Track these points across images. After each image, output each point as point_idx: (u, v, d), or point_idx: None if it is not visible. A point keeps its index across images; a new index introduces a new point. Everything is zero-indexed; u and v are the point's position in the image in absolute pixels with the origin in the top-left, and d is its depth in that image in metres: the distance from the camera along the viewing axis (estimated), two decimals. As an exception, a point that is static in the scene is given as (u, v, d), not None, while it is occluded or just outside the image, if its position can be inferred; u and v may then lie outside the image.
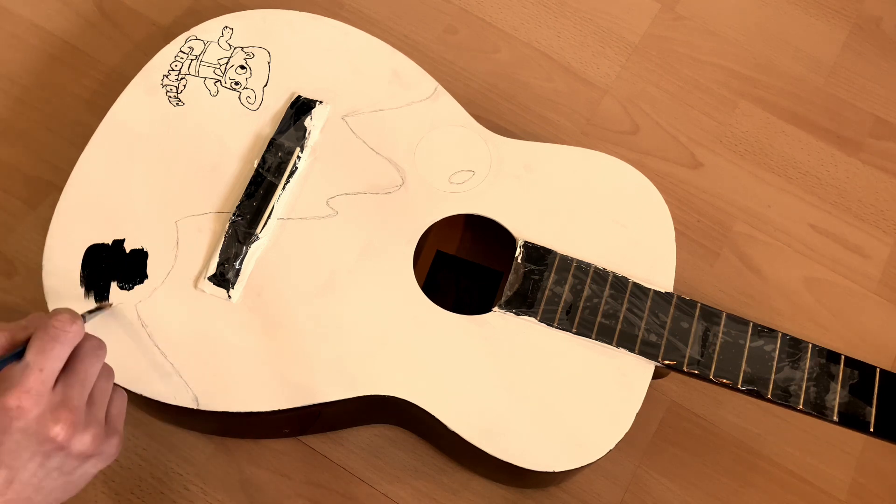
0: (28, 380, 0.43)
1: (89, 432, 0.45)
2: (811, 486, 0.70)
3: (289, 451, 0.68)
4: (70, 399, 0.44)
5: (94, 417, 0.46)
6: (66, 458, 0.45)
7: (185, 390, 0.57)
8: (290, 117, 0.66)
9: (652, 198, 0.66)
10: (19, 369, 0.43)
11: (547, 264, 0.62)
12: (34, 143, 0.77)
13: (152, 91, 0.67)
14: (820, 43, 0.90)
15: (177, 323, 0.59)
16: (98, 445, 0.46)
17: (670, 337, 0.61)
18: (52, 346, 0.44)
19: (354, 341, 0.59)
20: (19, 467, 0.43)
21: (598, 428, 0.58)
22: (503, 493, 0.68)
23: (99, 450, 0.46)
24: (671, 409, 0.72)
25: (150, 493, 0.65)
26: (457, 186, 0.65)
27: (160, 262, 0.61)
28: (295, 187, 0.64)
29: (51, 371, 0.44)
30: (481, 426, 0.57)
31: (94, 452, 0.46)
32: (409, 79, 0.69)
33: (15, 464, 0.42)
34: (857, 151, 0.85)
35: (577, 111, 0.84)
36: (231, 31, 0.70)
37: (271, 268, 0.61)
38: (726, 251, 0.79)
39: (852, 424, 0.59)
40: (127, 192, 0.63)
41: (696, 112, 0.85)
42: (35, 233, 0.73)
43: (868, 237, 0.81)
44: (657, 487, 0.69)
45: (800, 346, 0.61)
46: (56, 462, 0.44)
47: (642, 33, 0.89)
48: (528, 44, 0.87)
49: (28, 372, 0.43)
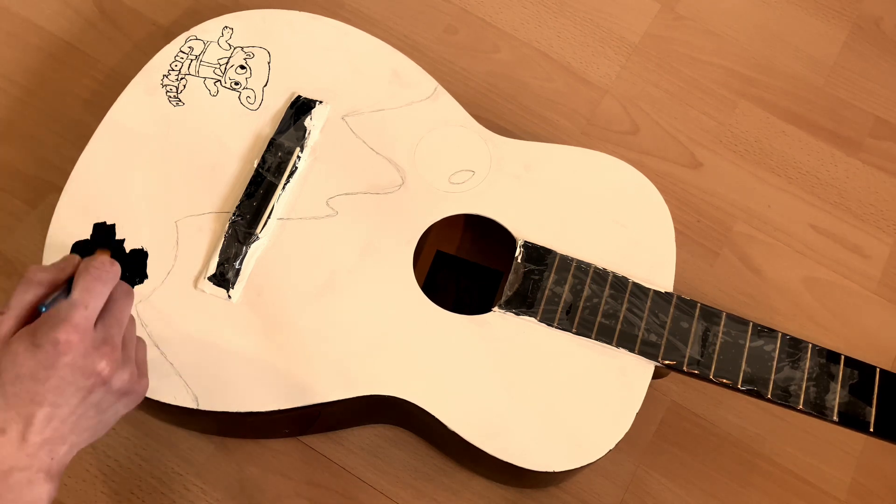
0: (75, 316, 0.44)
1: (127, 369, 0.47)
2: (811, 486, 0.70)
3: (289, 451, 0.68)
4: (111, 336, 0.46)
5: (129, 356, 0.48)
6: (106, 394, 0.46)
7: (185, 390, 0.57)
8: (290, 117, 0.66)
9: (652, 198, 0.66)
10: (66, 306, 0.45)
11: (547, 264, 0.62)
12: (34, 143, 0.77)
13: (152, 91, 0.67)
14: (820, 43, 0.90)
15: (177, 323, 0.59)
16: (133, 383, 0.48)
17: (670, 337, 0.61)
18: (94, 284, 0.46)
19: (354, 341, 0.59)
20: (62, 404, 0.44)
21: (598, 428, 0.58)
22: (503, 493, 0.68)
23: (133, 387, 0.48)
24: (671, 409, 0.72)
25: (150, 493, 0.65)
26: (457, 186, 0.65)
27: (160, 262, 0.61)
28: (295, 187, 0.64)
29: (94, 308, 0.46)
30: (481, 426, 0.57)
31: (130, 390, 0.48)
32: (409, 79, 0.69)
33: (58, 400, 0.44)
34: (857, 151, 0.85)
35: (577, 111, 0.84)
36: (231, 31, 0.70)
37: (271, 268, 0.61)
38: (726, 251, 0.79)
39: (852, 424, 0.59)
40: (127, 192, 0.63)
41: (696, 112, 0.85)
42: (35, 233, 0.73)
43: (868, 237, 0.81)
44: (657, 487, 0.69)
45: (800, 346, 0.61)
46: (96, 398, 0.46)
47: (642, 33, 0.89)
48: (528, 44, 0.87)
49: (75, 308, 0.45)
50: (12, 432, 0.43)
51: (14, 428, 0.43)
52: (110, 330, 0.47)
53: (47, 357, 0.43)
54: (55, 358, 0.43)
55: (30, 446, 0.43)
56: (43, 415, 0.44)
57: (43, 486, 0.44)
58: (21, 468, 0.43)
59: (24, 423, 0.43)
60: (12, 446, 0.43)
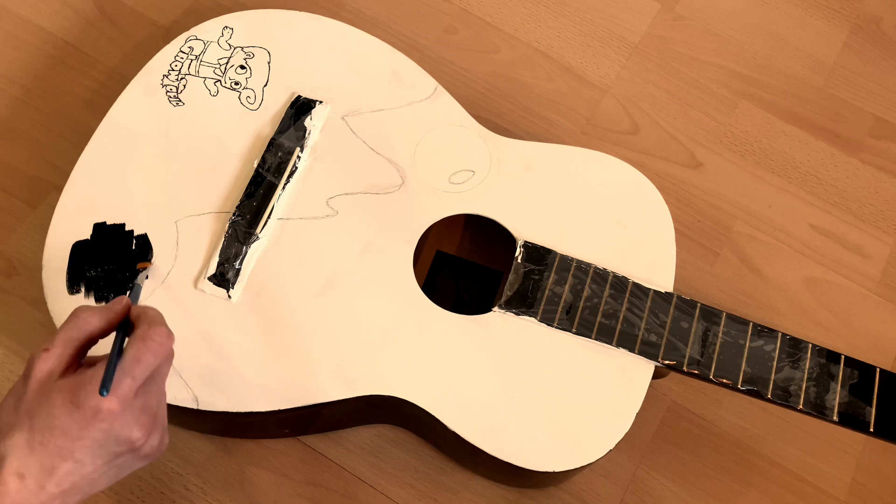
0: (122, 385, 0.44)
1: (157, 434, 0.47)
2: (811, 486, 0.70)
3: (289, 451, 0.68)
4: (150, 405, 0.46)
5: (160, 420, 0.48)
6: (133, 458, 0.46)
7: (185, 390, 0.57)
8: (290, 117, 0.66)
9: (652, 198, 0.66)
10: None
11: (547, 264, 0.62)
12: (34, 143, 0.77)
13: (152, 91, 0.67)
14: (820, 43, 0.90)
15: (177, 323, 0.59)
16: (161, 446, 0.48)
17: (670, 337, 0.61)
18: (147, 357, 0.45)
19: (354, 341, 0.59)
20: (87, 463, 0.44)
21: (598, 428, 0.58)
22: (503, 493, 0.68)
23: (160, 450, 0.48)
24: (671, 409, 0.72)
25: (150, 493, 0.65)
26: (457, 186, 0.65)
27: (160, 262, 0.61)
28: (295, 187, 0.64)
29: (140, 381, 0.45)
30: (481, 426, 0.57)
31: (156, 453, 0.48)
32: (409, 79, 0.69)
33: (85, 459, 0.44)
34: (857, 151, 0.85)
35: (577, 111, 0.84)
36: (231, 31, 0.70)
37: (271, 268, 0.61)
38: (726, 251, 0.79)
39: (852, 424, 0.59)
40: (127, 192, 0.63)
41: (696, 112, 0.85)
42: (35, 233, 0.73)
43: (868, 237, 0.81)
44: (657, 487, 0.69)
45: (800, 346, 0.61)
46: (122, 460, 0.46)
47: (642, 33, 0.89)
48: (528, 44, 0.87)
49: (122, 377, 0.44)
50: (30, 480, 0.43)
51: (33, 476, 0.43)
52: (150, 398, 0.46)
53: (84, 419, 0.43)
54: (93, 423, 0.43)
55: (45, 495, 0.43)
56: (66, 469, 0.43)
57: None
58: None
59: (45, 474, 0.43)
60: (28, 493, 0.43)
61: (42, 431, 0.43)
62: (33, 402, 0.44)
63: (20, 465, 0.43)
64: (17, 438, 0.43)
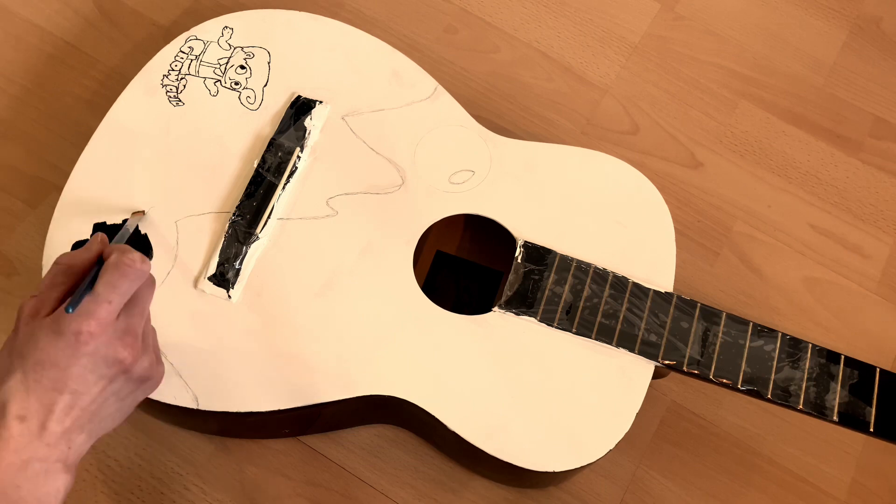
0: (98, 309, 0.45)
1: (147, 356, 0.48)
2: (811, 486, 0.70)
3: (289, 451, 0.68)
4: (133, 327, 0.47)
5: (148, 345, 0.49)
6: (126, 382, 0.47)
7: (185, 390, 0.57)
8: (290, 117, 0.66)
9: (652, 198, 0.66)
10: (90, 300, 0.45)
11: (547, 264, 0.62)
12: (34, 143, 0.77)
13: (152, 91, 0.67)
14: (820, 43, 0.90)
15: (177, 323, 0.59)
16: (152, 369, 0.49)
17: (670, 337, 0.61)
18: (121, 281, 0.46)
19: (354, 341, 0.59)
20: (83, 392, 0.45)
21: (598, 428, 0.58)
22: (503, 493, 0.68)
23: (152, 373, 0.49)
24: (671, 409, 0.72)
25: (150, 493, 0.65)
26: (457, 186, 0.65)
27: (160, 262, 0.61)
28: (295, 187, 0.64)
29: (118, 304, 0.46)
30: (481, 426, 0.57)
31: (149, 376, 0.49)
32: (409, 79, 0.69)
33: (80, 388, 0.45)
34: (857, 151, 0.85)
35: (577, 111, 0.84)
36: (231, 31, 0.70)
37: (271, 268, 0.61)
38: (726, 251, 0.79)
39: (852, 424, 0.59)
40: (127, 192, 0.63)
41: (696, 112, 0.85)
42: (35, 233, 0.73)
43: (868, 237, 0.81)
44: (657, 487, 0.69)
45: (800, 346, 0.61)
46: (117, 386, 0.47)
47: (642, 33, 0.89)
48: (528, 44, 0.87)
49: (98, 303, 0.45)
50: (32, 421, 0.43)
51: (34, 416, 0.43)
52: (132, 320, 0.47)
53: (69, 346, 0.44)
54: (77, 347, 0.44)
55: (49, 435, 0.44)
56: (64, 403, 0.44)
57: (60, 477, 0.44)
58: (40, 458, 0.43)
59: (44, 412, 0.44)
60: (32, 435, 0.43)
61: (34, 368, 0.44)
62: (23, 343, 0.45)
63: (20, 408, 0.43)
64: (13, 381, 0.44)
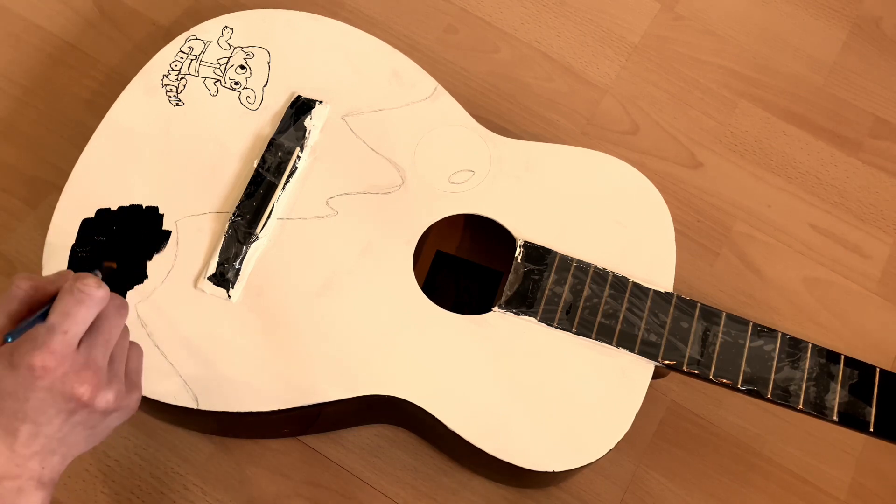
0: (52, 341, 0.43)
1: (112, 389, 0.46)
2: (811, 486, 0.70)
3: (289, 451, 0.68)
4: (94, 359, 0.45)
5: (115, 375, 0.47)
6: (90, 415, 0.46)
7: (185, 390, 0.57)
8: (290, 117, 0.66)
9: (652, 198, 0.66)
10: (44, 330, 0.44)
11: (547, 264, 0.62)
12: (34, 143, 0.77)
13: (152, 91, 0.67)
14: (820, 43, 0.90)
15: (177, 323, 0.59)
16: (120, 401, 0.47)
17: (670, 337, 0.61)
18: (77, 309, 0.44)
19: (354, 341, 0.59)
20: (44, 422, 0.44)
21: (598, 428, 0.58)
22: (503, 493, 0.68)
23: (121, 405, 0.47)
24: (671, 409, 0.72)
25: (150, 493, 0.65)
26: (457, 186, 0.65)
27: (160, 261, 0.61)
28: (295, 187, 0.64)
29: (74, 334, 0.44)
30: (481, 426, 0.57)
31: (117, 408, 0.47)
32: (409, 79, 0.69)
33: (40, 419, 0.44)
34: (856, 151, 0.85)
35: (577, 111, 0.84)
36: (231, 31, 0.70)
37: (271, 268, 0.61)
38: (726, 251, 0.79)
39: (852, 424, 0.59)
40: (127, 192, 0.63)
41: (696, 112, 0.85)
42: (35, 233, 0.73)
43: (868, 237, 0.81)
44: (657, 487, 0.69)
45: (800, 346, 0.61)
46: (80, 418, 0.45)
47: (642, 33, 0.89)
48: (528, 44, 0.87)
49: (52, 333, 0.43)
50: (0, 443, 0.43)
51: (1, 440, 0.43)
52: (93, 351, 0.45)
53: (24, 379, 0.43)
54: (32, 381, 0.43)
55: (18, 457, 0.43)
56: (27, 430, 0.43)
57: (34, 494, 0.44)
58: (11, 476, 0.43)
59: (10, 437, 0.43)
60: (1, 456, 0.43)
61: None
62: None
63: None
64: None
